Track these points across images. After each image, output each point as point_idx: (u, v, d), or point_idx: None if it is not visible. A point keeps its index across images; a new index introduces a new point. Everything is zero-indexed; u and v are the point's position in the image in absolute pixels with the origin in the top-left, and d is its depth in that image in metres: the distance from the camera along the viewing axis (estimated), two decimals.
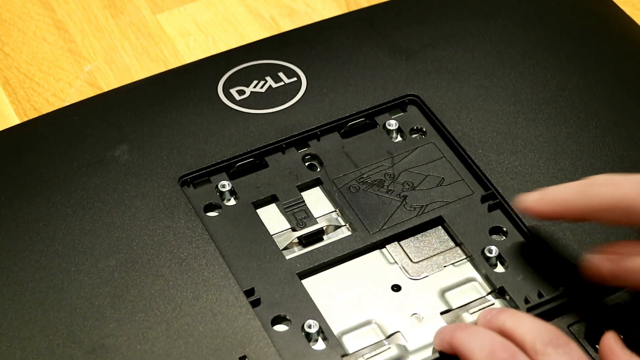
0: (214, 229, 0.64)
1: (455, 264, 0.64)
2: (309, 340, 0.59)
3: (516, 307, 0.60)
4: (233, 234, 0.64)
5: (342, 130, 0.70)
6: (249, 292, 0.61)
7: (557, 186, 0.59)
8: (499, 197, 0.65)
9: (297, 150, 0.69)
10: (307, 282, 0.63)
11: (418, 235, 0.65)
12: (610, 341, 0.55)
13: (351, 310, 0.61)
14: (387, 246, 0.65)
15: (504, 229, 0.64)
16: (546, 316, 0.60)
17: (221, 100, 0.72)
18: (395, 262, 0.64)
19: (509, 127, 0.69)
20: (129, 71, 0.81)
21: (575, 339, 0.58)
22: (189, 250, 0.63)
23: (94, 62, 0.82)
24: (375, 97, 0.72)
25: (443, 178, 0.67)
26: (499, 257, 0.63)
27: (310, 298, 0.61)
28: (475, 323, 0.59)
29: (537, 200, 0.59)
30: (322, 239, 0.65)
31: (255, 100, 0.72)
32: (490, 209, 0.65)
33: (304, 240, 0.65)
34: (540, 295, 0.60)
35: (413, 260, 0.64)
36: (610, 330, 0.57)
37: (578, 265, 0.61)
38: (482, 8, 0.78)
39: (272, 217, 0.66)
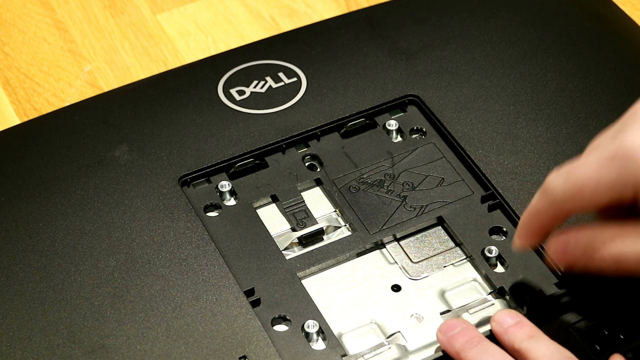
0: (214, 229, 0.64)
1: (455, 264, 0.64)
2: (309, 341, 0.59)
3: (516, 308, 0.60)
4: (233, 234, 0.64)
5: (342, 131, 0.70)
6: (249, 292, 0.61)
7: (524, 213, 0.57)
8: (498, 197, 0.65)
9: (297, 150, 0.69)
10: (307, 282, 0.63)
11: (418, 235, 0.65)
12: None
13: (351, 310, 0.61)
14: (387, 246, 0.65)
15: (504, 229, 0.64)
16: (546, 316, 0.60)
17: (221, 100, 0.72)
18: (395, 262, 0.64)
19: (509, 127, 0.69)
20: (129, 71, 0.81)
21: (575, 339, 0.58)
22: (189, 250, 0.63)
23: (94, 62, 0.82)
24: (375, 97, 0.72)
25: (443, 178, 0.67)
26: (499, 257, 0.63)
27: (310, 298, 0.61)
28: (489, 329, 0.59)
29: (519, 236, 0.58)
30: (322, 239, 0.65)
31: (255, 100, 0.72)
32: (490, 209, 0.65)
33: (304, 241, 0.65)
34: (540, 295, 0.60)
35: (413, 260, 0.64)
36: (617, 353, 0.57)
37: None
38: (482, 8, 0.78)
39: (272, 217, 0.66)
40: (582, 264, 0.55)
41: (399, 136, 0.70)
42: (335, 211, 0.67)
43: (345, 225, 0.66)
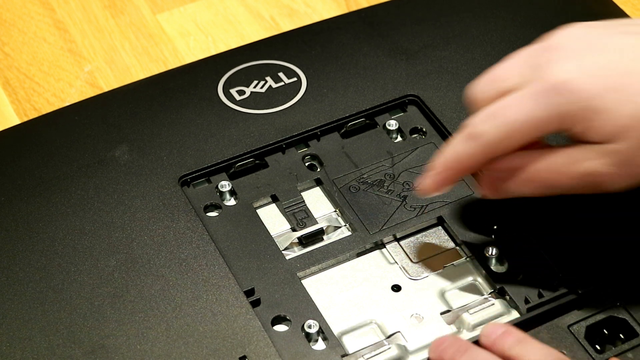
0: (214, 229, 0.64)
1: (455, 264, 0.64)
2: (309, 340, 0.59)
3: (516, 307, 0.60)
4: (233, 234, 0.64)
5: (342, 130, 0.70)
6: (249, 292, 0.61)
7: (446, 159, 0.58)
8: None
9: (297, 150, 0.69)
10: (307, 282, 0.62)
11: (418, 235, 0.65)
12: None
13: (351, 310, 0.61)
14: (387, 246, 0.65)
15: (504, 229, 0.64)
16: (546, 316, 0.60)
17: (221, 100, 0.72)
18: (395, 262, 0.64)
19: None
20: (129, 71, 0.81)
21: (575, 339, 0.58)
22: (189, 250, 0.63)
23: (94, 62, 0.82)
24: (375, 97, 0.71)
25: None
26: (499, 257, 0.63)
27: (310, 298, 0.61)
28: (477, 340, 0.58)
29: (436, 181, 0.58)
30: (322, 239, 0.65)
31: (255, 100, 0.72)
32: (490, 209, 0.65)
33: (304, 241, 0.65)
34: (540, 295, 0.60)
35: (413, 260, 0.64)
36: (614, 357, 0.57)
37: (578, 265, 0.61)
38: (482, 8, 0.78)
39: (272, 217, 0.66)
40: (516, 191, 0.57)
41: (399, 136, 0.70)
42: (335, 211, 0.67)
43: (345, 225, 0.66)
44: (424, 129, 0.70)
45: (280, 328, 0.60)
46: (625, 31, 0.56)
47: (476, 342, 0.57)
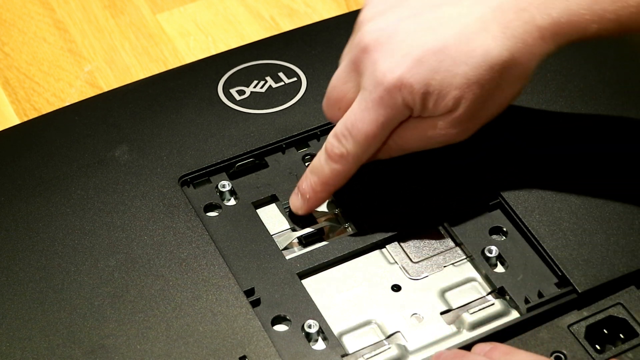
0: (214, 229, 0.64)
1: (455, 264, 0.64)
2: (309, 340, 0.59)
3: (516, 307, 0.60)
4: (233, 234, 0.64)
5: None
6: (249, 292, 0.61)
7: (316, 182, 0.63)
8: (499, 196, 0.65)
9: (297, 150, 0.69)
10: (307, 282, 0.63)
11: (418, 235, 0.65)
12: None
13: (351, 310, 0.61)
14: (387, 246, 0.64)
15: (504, 229, 0.64)
16: (546, 316, 0.60)
17: (221, 100, 0.72)
18: (395, 262, 0.64)
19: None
20: (129, 71, 0.81)
21: (575, 339, 0.58)
22: (189, 250, 0.63)
23: (94, 62, 0.82)
24: None
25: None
26: (499, 257, 0.63)
27: (310, 298, 0.61)
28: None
29: (311, 202, 0.64)
30: (322, 239, 0.65)
31: (255, 100, 0.72)
32: (491, 209, 0.65)
33: (304, 240, 0.65)
34: (540, 295, 0.61)
35: (413, 260, 0.64)
36: (613, 358, 0.57)
37: (578, 265, 0.61)
38: None
39: (272, 217, 0.66)
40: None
41: None
42: (335, 211, 0.67)
43: (345, 225, 0.66)
44: None
45: (280, 328, 0.60)
46: (415, 9, 0.60)
47: None
